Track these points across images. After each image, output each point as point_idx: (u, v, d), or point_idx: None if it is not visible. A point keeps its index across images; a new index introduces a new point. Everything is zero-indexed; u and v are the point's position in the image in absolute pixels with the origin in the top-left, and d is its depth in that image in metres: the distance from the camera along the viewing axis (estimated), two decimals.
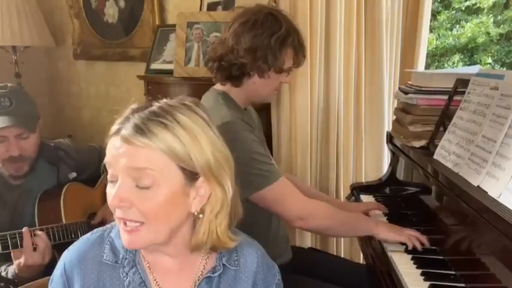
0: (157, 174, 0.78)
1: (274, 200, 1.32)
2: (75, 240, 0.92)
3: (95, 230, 0.91)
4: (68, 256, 0.88)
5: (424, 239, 1.32)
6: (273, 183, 1.30)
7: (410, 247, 1.29)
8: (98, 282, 0.85)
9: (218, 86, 1.44)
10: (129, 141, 0.78)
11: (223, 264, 0.90)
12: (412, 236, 1.32)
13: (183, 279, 0.89)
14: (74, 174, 1.71)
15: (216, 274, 0.89)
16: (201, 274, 0.90)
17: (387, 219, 1.55)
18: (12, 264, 1.42)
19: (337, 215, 1.39)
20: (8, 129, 1.47)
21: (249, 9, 1.38)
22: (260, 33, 1.31)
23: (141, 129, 0.78)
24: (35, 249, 1.39)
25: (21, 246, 1.38)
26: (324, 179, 2.05)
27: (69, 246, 0.91)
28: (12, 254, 1.39)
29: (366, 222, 1.40)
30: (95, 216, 1.70)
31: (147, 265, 0.88)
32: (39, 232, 1.42)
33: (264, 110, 1.97)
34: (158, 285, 0.88)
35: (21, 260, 1.38)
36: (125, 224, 0.80)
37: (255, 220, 1.36)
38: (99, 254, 0.87)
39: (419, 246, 1.30)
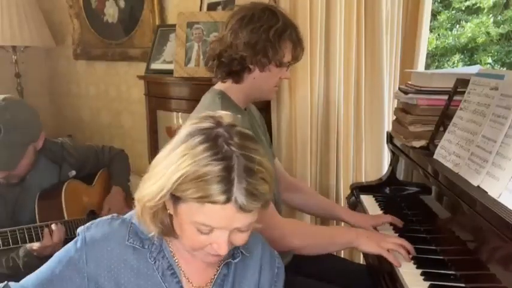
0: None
1: None
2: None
3: (116, 215, 0.95)
4: (89, 233, 0.91)
5: (409, 246, 1.25)
6: None
7: (395, 263, 1.21)
8: (119, 262, 0.90)
9: (217, 86, 1.44)
10: (246, 210, 0.80)
11: (241, 251, 0.96)
12: (395, 246, 1.24)
13: (206, 264, 0.94)
14: (73, 173, 1.73)
15: (236, 260, 0.96)
16: (221, 259, 0.94)
17: None
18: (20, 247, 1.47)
19: (313, 233, 1.35)
20: None
21: (244, 6, 1.37)
22: (258, 27, 1.31)
23: (254, 195, 0.79)
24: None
25: (30, 241, 1.45)
26: (324, 179, 2.05)
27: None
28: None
29: (344, 236, 1.33)
30: (96, 213, 1.73)
31: (172, 252, 0.93)
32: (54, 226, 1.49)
33: (264, 110, 1.97)
34: (183, 270, 0.93)
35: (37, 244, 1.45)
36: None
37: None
38: (123, 237, 0.91)
39: (406, 258, 1.23)
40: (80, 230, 0.92)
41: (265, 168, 0.82)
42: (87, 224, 0.93)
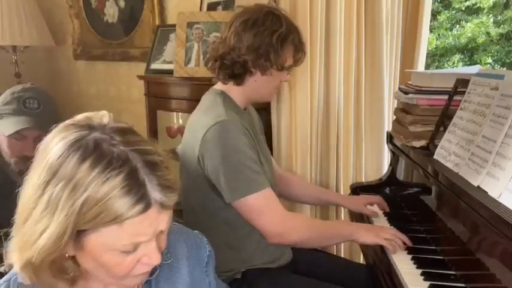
0: None
1: (253, 210, 1.29)
2: None
3: (1, 282, 0.80)
4: None
5: (404, 237, 1.31)
6: (256, 193, 1.27)
7: (391, 251, 1.27)
8: None
9: (218, 86, 1.44)
10: (168, 207, 0.71)
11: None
12: (392, 236, 1.30)
13: None
14: None
15: (154, 276, 0.83)
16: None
17: (387, 220, 1.55)
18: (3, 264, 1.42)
19: (315, 226, 1.39)
20: (29, 130, 1.49)
21: (248, 9, 1.38)
22: (262, 31, 1.32)
23: (169, 188, 0.70)
24: None
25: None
26: (324, 179, 2.05)
27: None
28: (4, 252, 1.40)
29: (346, 229, 1.38)
30: None
31: None
32: None
33: (264, 110, 1.97)
34: None
35: None
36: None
37: None
38: None
39: (401, 247, 1.29)
40: None
41: (162, 155, 0.73)
42: None
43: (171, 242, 0.86)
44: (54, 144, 0.70)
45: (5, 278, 0.80)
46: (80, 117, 0.75)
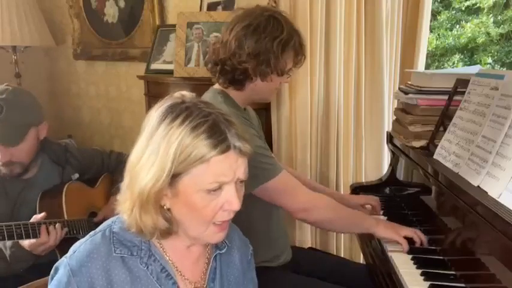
0: None
1: (279, 191, 1.34)
2: (77, 237, 0.93)
3: (93, 232, 0.92)
4: (73, 261, 0.87)
5: (423, 237, 1.33)
6: (277, 176, 1.32)
7: (404, 250, 1.30)
8: (112, 276, 0.87)
9: (218, 86, 1.45)
10: (244, 153, 0.86)
11: (226, 242, 0.99)
12: (412, 234, 1.33)
13: (197, 258, 0.97)
14: (76, 175, 1.74)
15: (223, 251, 0.99)
16: (209, 251, 0.98)
17: (387, 220, 1.55)
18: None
19: (339, 209, 1.41)
20: None
21: (250, 12, 1.37)
22: (263, 38, 1.32)
23: (244, 138, 0.86)
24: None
25: (26, 237, 1.43)
26: (324, 179, 2.05)
27: (70, 241, 0.92)
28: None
29: (366, 220, 1.40)
30: (97, 215, 1.73)
31: (164, 251, 0.93)
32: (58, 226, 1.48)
33: (264, 110, 1.97)
34: (176, 267, 0.93)
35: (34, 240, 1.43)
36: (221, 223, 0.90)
37: (254, 221, 1.36)
38: (109, 250, 0.89)
39: (418, 242, 1.32)
40: (61, 262, 0.89)
41: None
42: (69, 252, 0.90)
43: (230, 232, 0.98)
44: (154, 112, 0.89)
45: (100, 227, 0.93)
46: (174, 94, 0.93)
